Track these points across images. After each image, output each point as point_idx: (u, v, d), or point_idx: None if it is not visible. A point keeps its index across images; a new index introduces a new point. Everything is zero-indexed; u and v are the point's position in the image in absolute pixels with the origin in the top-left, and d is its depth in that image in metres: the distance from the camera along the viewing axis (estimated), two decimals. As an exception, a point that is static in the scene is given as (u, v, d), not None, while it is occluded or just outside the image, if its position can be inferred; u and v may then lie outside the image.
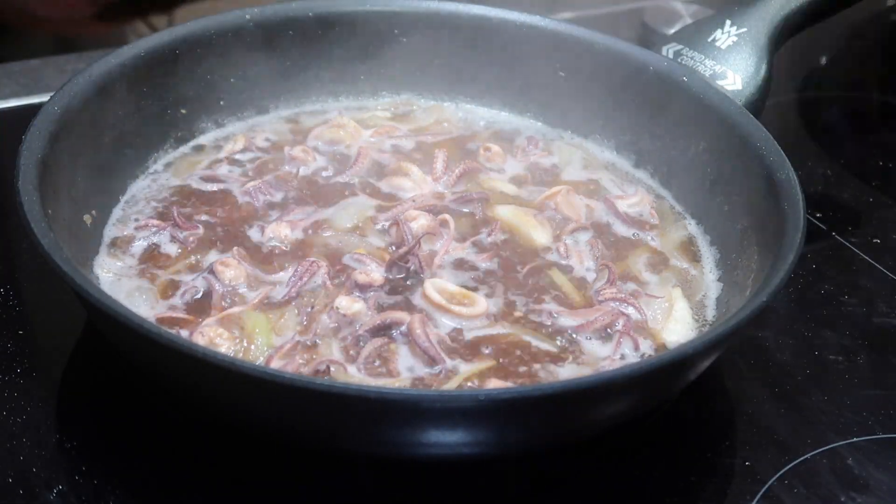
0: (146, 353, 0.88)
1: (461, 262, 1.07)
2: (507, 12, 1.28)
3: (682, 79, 1.19)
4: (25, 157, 0.96)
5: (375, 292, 1.01)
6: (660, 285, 1.08)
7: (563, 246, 1.10)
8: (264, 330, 0.96)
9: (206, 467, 0.92)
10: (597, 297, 1.04)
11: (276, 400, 0.82)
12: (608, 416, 0.89)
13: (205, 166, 1.19)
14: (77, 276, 0.85)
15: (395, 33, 1.30)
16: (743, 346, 1.09)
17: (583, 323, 1.00)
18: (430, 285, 1.01)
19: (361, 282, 1.01)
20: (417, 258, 1.04)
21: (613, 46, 1.24)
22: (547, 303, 1.03)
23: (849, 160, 1.46)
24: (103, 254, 1.05)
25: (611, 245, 1.12)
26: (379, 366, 0.94)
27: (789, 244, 0.95)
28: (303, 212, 1.12)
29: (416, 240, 1.05)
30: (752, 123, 1.11)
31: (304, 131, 1.26)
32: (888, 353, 1.11)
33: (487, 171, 1.22)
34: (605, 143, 1.27)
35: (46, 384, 0.99)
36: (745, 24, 1.23)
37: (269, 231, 1.08)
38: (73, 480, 0.90)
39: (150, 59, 1.16)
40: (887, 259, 1.24)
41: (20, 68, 1.49)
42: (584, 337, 1.00)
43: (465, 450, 0.86)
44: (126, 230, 1.08)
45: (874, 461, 0.98)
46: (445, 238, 1.08)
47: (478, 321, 1.00)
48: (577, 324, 1.00)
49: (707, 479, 0.95)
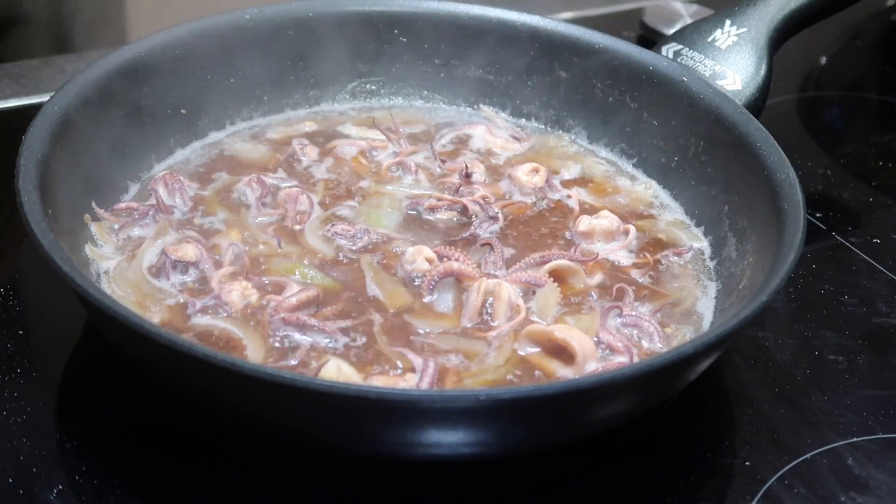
0: (146, 353, 0.88)
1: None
2: (507, 12, 1.28)
3: (681, 79, 1.19)
4: (25, 157, 0.96)
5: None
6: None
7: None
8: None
9: (207, 467, 0.92)
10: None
11: (276, 400, 0.82)
12: (608, 416, 0.90)
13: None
14: (77, 276, 0.85)
15: (395, 33, 1.30)
16: (743, 346, 1.09)
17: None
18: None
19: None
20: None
21: (613, 46, 1.24)
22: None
23: (849, 160, 1.46)
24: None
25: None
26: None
27: (789, 244, 0.95)
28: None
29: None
30: (752, 123, 1.11)
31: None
32: (888, 353, 1.11)
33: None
34: (604, 143, 1.27)
35: (46, 384, 0.99)
36: (745, 24, 1.23)
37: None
38: (73, 480, 0.90)
39: (150, 58, 1.16)
40: (887, 259, 1.24)
41: (20, 68, 1.49)
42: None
43: (465, 450, 0.86)
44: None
45: (874, 461, 0.98)
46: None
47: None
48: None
49: (707, 479, 0.95)
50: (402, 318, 1.00)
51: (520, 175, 1.19)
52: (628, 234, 1.12)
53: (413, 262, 1.04)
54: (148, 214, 1.09)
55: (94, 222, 1.05)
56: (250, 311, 0.98)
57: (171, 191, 1.11)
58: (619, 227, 1.12)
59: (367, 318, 0.99)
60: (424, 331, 0.99)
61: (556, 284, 1.03)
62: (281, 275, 1.03)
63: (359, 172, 1.21)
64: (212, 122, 1.25)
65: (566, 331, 0.97)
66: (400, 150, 1.24)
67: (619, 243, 1.11)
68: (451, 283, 1.02)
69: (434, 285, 1.01)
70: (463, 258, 1.04)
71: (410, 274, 1.04)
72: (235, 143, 1.24)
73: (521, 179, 1.19)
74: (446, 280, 1.02)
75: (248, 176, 1.15)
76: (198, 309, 0.98)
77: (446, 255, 1.04)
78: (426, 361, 0.93)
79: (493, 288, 1.01)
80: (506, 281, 1.03)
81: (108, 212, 1.08)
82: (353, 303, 1.01)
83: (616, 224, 1.12)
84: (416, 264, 1.04)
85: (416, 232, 1.12)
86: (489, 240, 1.10)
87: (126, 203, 1.11)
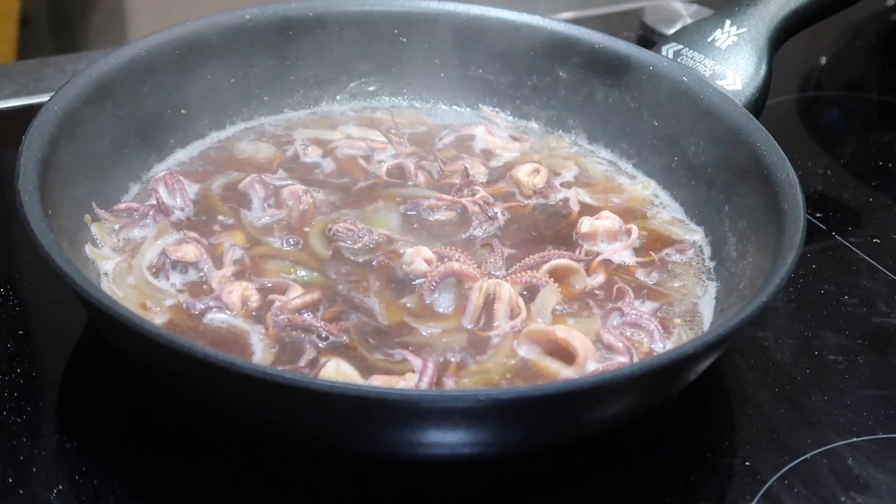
0: (146, 353, 0.88)
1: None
2: (507, 12, 1.28)
3: (681, 79, 1.19)
4: (25, 157, 0.96)
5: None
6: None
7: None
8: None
9: (207, 467, 0.92)
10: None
11: (275, 400, 0.82)
12: (608, 416, 0.90)
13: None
14: (77, 276, 0.85)
15: (395, 33, 1.30)
16: (743, 346, 1.09)
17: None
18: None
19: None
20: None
21: (613, 46, 1.24)
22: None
23: (849, 160, 1.46)
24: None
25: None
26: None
27: (789, 244, 0.95)
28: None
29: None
30: (752, 123, 1.12)
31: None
32: (888, 353, 1.11)
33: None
34: (604, 143, 1.27)
35: (46, 384, 0.99)
36: (745, 24, 1.23)
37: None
38: (73, 480, 0.90)
39: (150, 59, 1.16)
40: (887, 259, 1.24)
41: (20, 68, 1.49)
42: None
43: (465, 450, 0.87)
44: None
45: (874, 461, 0.98)
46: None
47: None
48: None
49: (707, 479, 0.95)
50: (402, 319, 1.00)
51: (520, 175, 1.19)
52: (631, 233, 1.12)
53: (412, 264, 1.04)
54: (148, 215, 1.09)
55: (94, 222, 1.05)
56: (254, 312, 0.99)
57: (172, 191, 1.11)
58: (622, 228, 1.12)
59: (367, 319, 0.99)
60: (424, 331, 0.99)
61: (556, 285, 1.03)
62: (282, 275, 1.03)
63: (359, 173, 1.21)
64: (212, 122, 1.25)
65: (567, 330, 0.97)
66: (400, 151, 1.24)
67: (622, 243, 1.11)
68: (451, 283, 1.02)
69: (435, 286, 1.01)
70: (464, 259, 1.04)
71: (409, 275, 1.04)
72: (236, 143, 1.24)
73: (521, 180, 1.19)
74: (447, 280, 1.02)
75: (250, 176, 1.15)
76: (199, 310, 0.98)
77: (447, 256, 1.04)
78: (425, 362, 0.93)
79: (494, 288, 1.01)
80: (506, 281, 1.03)
81: (108, 212, 1.08)
82: (354, 303, 1.01)
83: (618, 224, 1.12)
84: (414, 265, 1.04)
85: (416, 232, 1.12)
86: (489, 240, 1.10)
87: (126, 203, 1.11)
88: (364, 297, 1.02)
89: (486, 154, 1.26)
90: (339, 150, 1.23)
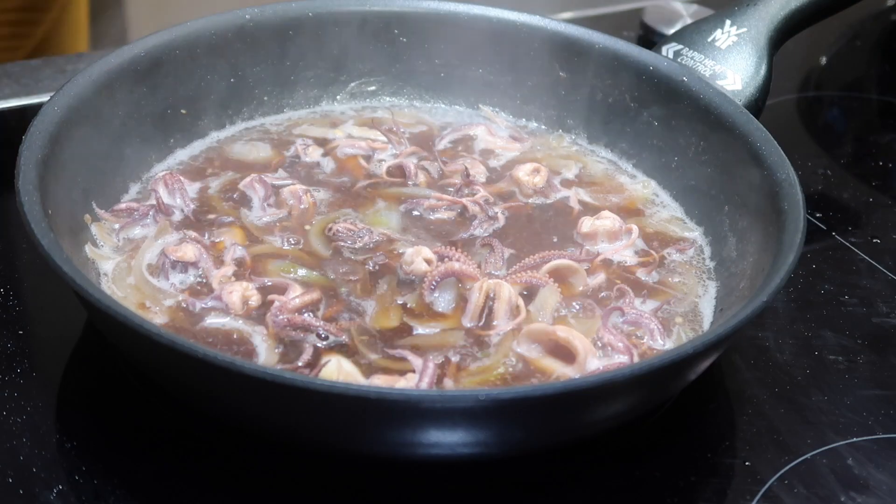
0: (146, 353, 0.88)
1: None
2: (507, 12, 1.28)
3: (681, 79, 1.19)
4: (25, 157, 0.96)
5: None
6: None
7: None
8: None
9: (207, 467, 0.92)
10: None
11: (276, 400, 0.82)
12: (608, 416, 0.89)
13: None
14: (77, 276, 0.85)
15: (395, 33, 1.30)
16: (743, 346, 1.09)
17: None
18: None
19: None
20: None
21: (613, 46, 1.24)
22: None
23: (849, 160, 1.46)
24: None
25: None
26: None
27: (789, 244, 0.95)
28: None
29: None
30: (752, 123, 1.12)
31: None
32: (888, 353, 1.11)
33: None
34: (604, 143, 1.27)
35: (46, 384, 0.99)
36: (745, 24, 1.23)
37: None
38: (73, 480, 0.90)
39: (150, 59, 1.16)
40: (887, 259, 1.24)
41: (20, 68, 1.49)
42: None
43: (465, 450, 0.87)
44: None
45: (874, 461, 0.98)
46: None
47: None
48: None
49: (707, 479, 0.95)
50: (402, 319, 1.00)
51: (520, 175, 1.19)
52: (631, 233, 1.12)
53: (411, 264, 1.04)
54: (148, 215, 1.09)
55: (94, 222, 1.05)
56: (255, 313, 0.99)
57: (172, 191, 1.12)
58: (622, 227, 1.12)
59: (367, 318, 0.99)
60: (424, 331, 0.99)
61: (556, 285, 1.03)
62: (282, 275, 1.03)
63: (359, 173, 1.21)
64: (212, 122, 1.25)
65: (568, 329, 0.97)
66: (400, 151, 1.24)
67: (623, 243, 1.12)
68: (451, 283, 1.02)
69: (436, 285, 1.01)
70: (464, 258, 1.04)
71: (409, 275, 1.04)
72: (236, 143, 1.24)
73: (521, 180, 1.19)
74: (447, 280, 1.02)
75: (250, 176, 1.15)
76: (199, 310, 0.98)
77: (447, 256, 1.04)
78: (426, 361, 0.93)
79: (494, 288, 1.01)
80: (506, 281, 1.03)
81: (108, 212, 1.08)
82: (354, 303, 1.01)
83: (618, 224, 1.12)
84: (414, 265, 1.04)
85: (417, 232, 1.12)
86: (489, 240, 1.10)
87: (126, 203, 1.11)
88: (364, 296, 1.02)
89: (487, 154, 1.26)
90: (339, 149, 1.24)
